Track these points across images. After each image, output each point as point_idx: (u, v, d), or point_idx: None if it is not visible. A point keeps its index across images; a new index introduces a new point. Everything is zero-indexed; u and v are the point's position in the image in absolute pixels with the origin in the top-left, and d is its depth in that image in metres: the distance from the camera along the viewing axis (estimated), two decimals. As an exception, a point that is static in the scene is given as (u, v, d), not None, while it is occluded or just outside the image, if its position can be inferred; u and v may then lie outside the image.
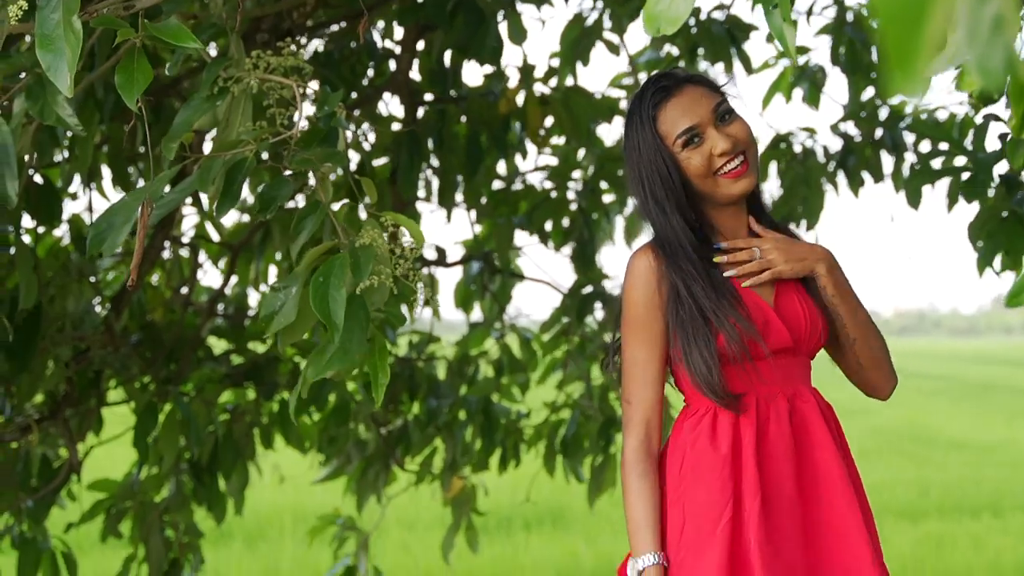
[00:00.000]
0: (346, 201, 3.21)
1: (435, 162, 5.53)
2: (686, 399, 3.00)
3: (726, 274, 2.90)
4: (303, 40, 4.73)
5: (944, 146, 5.15)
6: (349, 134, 3.13)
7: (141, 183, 5.26)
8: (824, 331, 2.94)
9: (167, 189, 2.98)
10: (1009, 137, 3.68)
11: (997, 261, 4.58)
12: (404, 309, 3.33)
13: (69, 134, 4.46)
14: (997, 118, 4.34)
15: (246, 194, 4.63)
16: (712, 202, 2.95)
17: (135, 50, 2.59)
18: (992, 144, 4.62)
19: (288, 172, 3.02)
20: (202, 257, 5.93)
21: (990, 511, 12.91)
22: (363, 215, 3.15)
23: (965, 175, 4.54)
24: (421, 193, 5.74)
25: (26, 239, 4.82)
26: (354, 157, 5.18)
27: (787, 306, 2.92)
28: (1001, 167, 4.35)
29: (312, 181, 3.05)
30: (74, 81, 2.36)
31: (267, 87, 3.04)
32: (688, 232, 2.93)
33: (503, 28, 5.25)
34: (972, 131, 4.65)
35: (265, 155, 3.01)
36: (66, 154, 4.76)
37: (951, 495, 14.14)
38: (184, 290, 5.74)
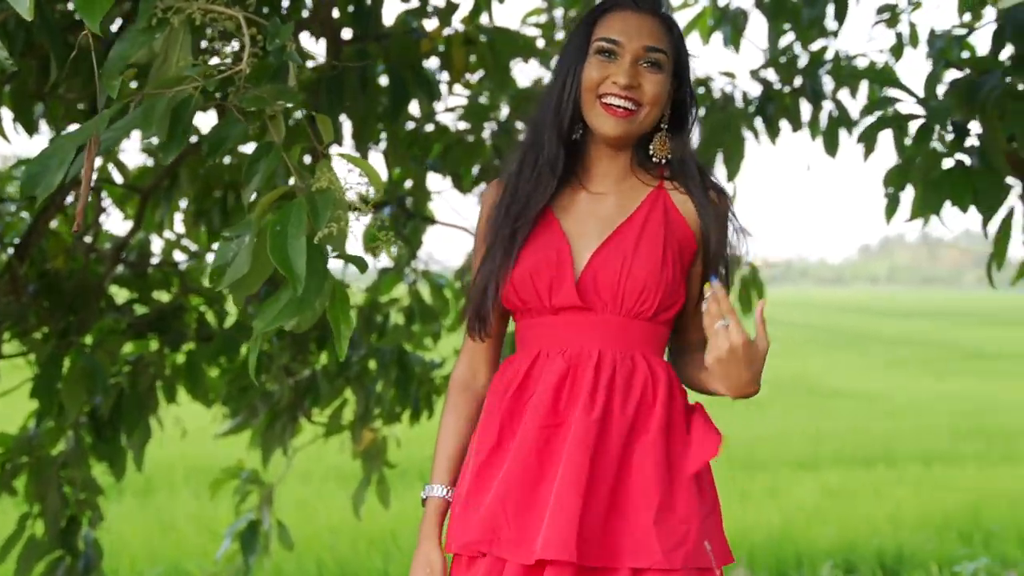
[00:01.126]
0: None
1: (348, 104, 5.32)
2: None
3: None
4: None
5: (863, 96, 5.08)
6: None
7: (44, 125, 5.02)
8: (647, 296, 2.77)
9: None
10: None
11: (906, 209, 4.55)
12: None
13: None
14: (950, 63, 4.28)
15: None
16: (593, 133, 2.84)
17: (92, -28, 2.36)
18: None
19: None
20: (106, 201, 5.66)
21: (884, 461, 13.12)
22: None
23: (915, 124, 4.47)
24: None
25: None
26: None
27: (601, 263, 2.78)
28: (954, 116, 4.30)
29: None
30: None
31: (209, 18, 2.84)
32: (561, 132, 2.85)
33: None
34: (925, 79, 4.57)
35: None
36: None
37: (845, 445, 14.39)
38: (87, 237, 5.48)
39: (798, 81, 5.94)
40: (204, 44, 2.94)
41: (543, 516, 2.64)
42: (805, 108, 5.98)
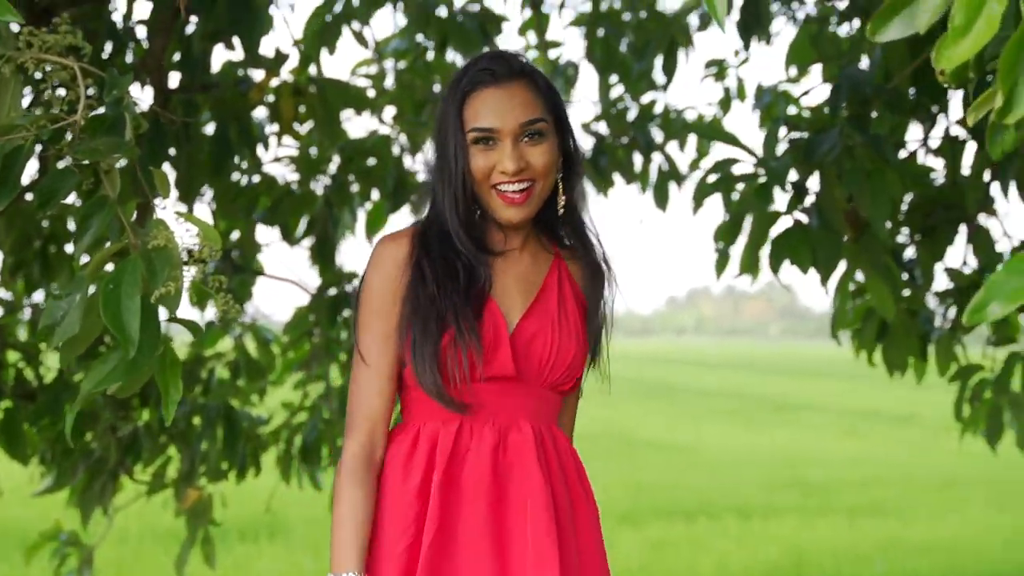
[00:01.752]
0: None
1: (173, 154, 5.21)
2: (402, 408, 2.81)
3: None
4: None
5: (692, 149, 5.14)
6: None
7: None
8: (573, 369, 2.76)
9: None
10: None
11: (735, 264, 4.61)
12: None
13: None
14: (788, 121, 4.35)
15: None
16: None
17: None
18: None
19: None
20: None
21: (704, 514, 13.25)
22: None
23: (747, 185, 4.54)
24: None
25: None
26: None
27: (532, 333, 2.72)
28: (792, 175, 4.37)
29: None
30: None
31: (43, 67, 2.74)
32: (460, 219, 2.71)
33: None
34: (763, 138, 4.62)
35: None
36: None
37: (664, 498, 14.46)
38: None
39: (629, 134, 6.00)
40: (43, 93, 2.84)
41: None
42: (637, 161, 6.04)
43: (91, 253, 2.73)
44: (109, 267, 2.68)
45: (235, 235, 6.00)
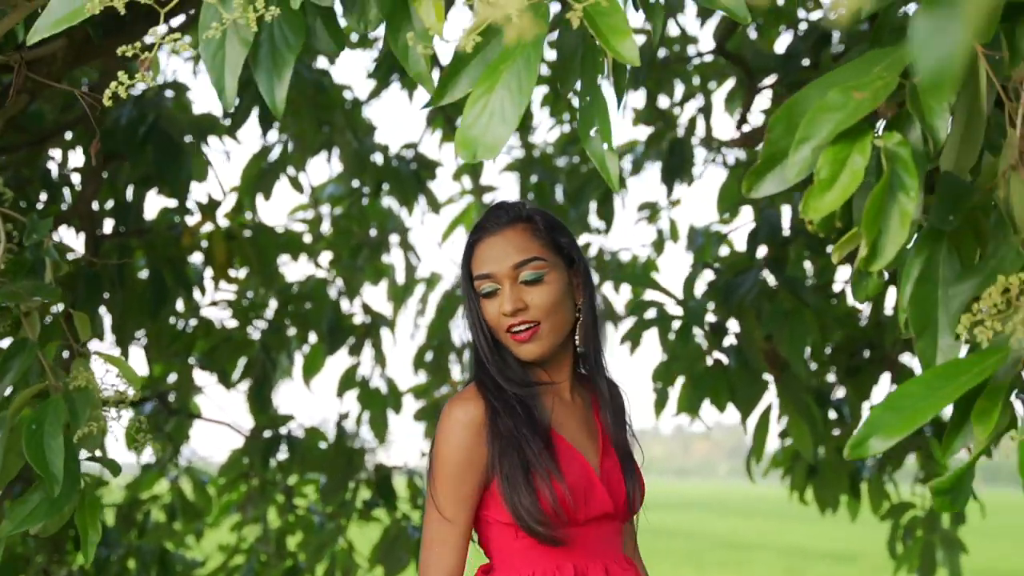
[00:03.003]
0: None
1: (108, 297, 5.26)
2: (495, 564, 2.78)
3: None
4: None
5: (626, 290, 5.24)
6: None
7: None
8: (641, 496, 2.82)
9: None
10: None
11: (673, 403, 4.69)
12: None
13: None
14: (708, 263, 4.45)
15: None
16: None
17: None
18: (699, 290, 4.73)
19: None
20: None
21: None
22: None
23: (675, 324, 4.63)
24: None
25: None
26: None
27: (610, 471, 2.76)
28: (709, 316, 4.46)
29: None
30: None
31: (-36, 210, 2.81)
32: (497, 368, 2.74)
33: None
34: (684, 280, 4.72)
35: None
36: None
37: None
38: None
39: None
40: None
41: None
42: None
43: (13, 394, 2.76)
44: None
45: (172, 378, 6.04)
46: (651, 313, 4.78)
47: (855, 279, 1.81)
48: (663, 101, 6.10)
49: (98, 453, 2.84)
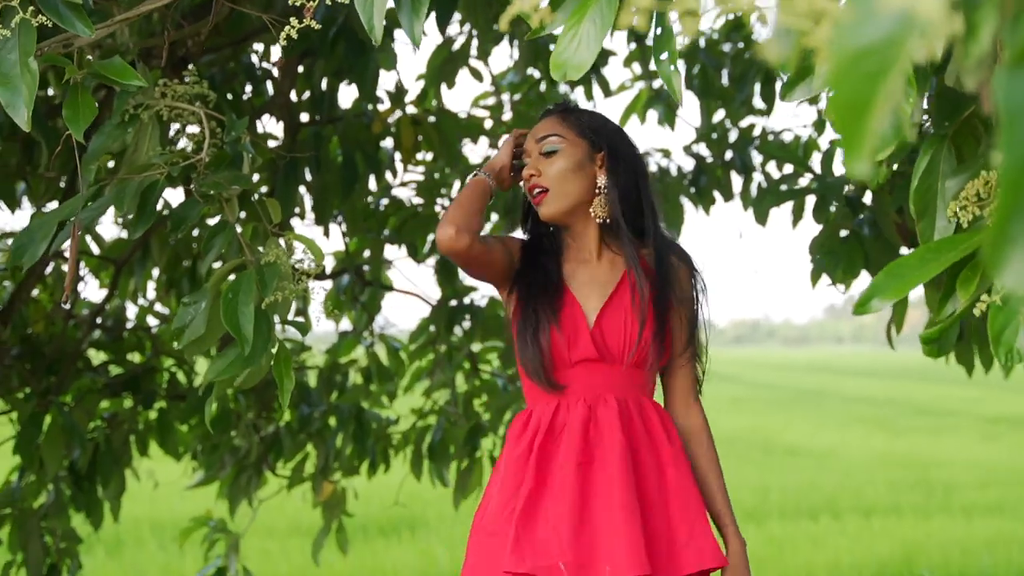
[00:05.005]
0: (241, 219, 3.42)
1: (310, 179, 5.74)
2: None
3: None
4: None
5: (789, 168, 5.53)
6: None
7: (25, 200, 5.43)
8: (645, 349, 3.19)
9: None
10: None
11: (830, 276, 4.95)
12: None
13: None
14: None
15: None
16: None
17: (79, 86, 2.80)
18: (839, 167, 5.01)
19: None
20: (83, 271, 6.06)
21: (828, 513, 13.45)
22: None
23: (812, 197, 4.93)
24: (296, 209, 5.96)
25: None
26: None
27: (608, 320, 3.20)
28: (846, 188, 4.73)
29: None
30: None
31: (175, 113, 3.27)
32: (535, 228, 3.36)
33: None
34: (820, 155, 5.00)
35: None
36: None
37: (791, 499, 14.67)
38: (65, 304, 5.87)
39: (729, 154, 6.38)
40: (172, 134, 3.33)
41: (596, 542, 3.04)
42: (736, 180, 6.41)
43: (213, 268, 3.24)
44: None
45: (366, 253, 6.51)
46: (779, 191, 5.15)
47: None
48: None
49: (294, 317, 3.34)
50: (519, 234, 3.43)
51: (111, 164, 3.68)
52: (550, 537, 3.05)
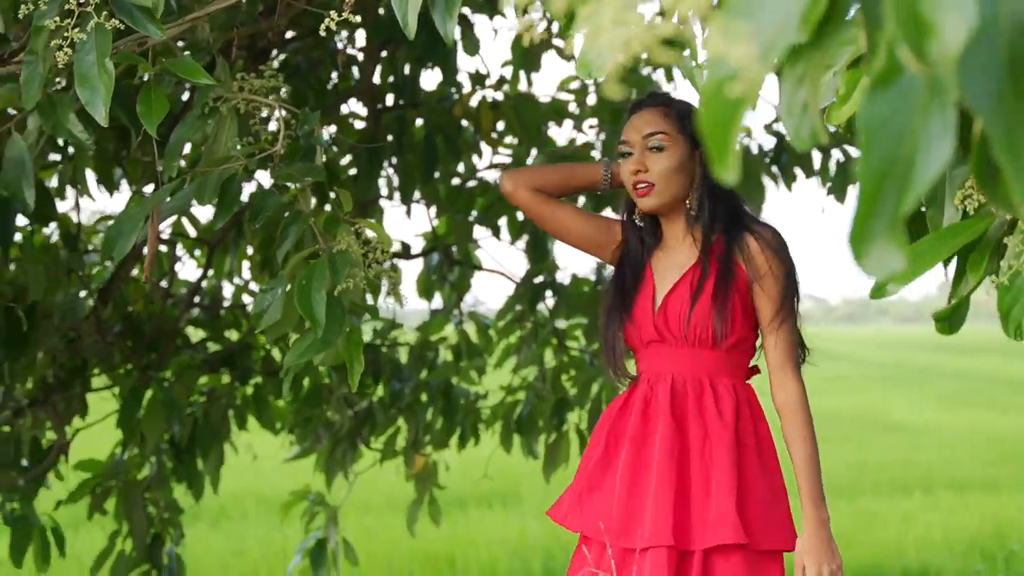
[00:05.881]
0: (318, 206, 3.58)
1: (395, 162, 5.90)
2: None
3: None
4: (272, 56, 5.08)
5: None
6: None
7: (124, 184, 5.63)
8: (706, 328, 3.32)
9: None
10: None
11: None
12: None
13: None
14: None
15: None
16: None
17: (152, 83, 2.97)
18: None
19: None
20: (179, 252, 6.27)
21: (921, 489, 13.42)
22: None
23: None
24: (383, 191, 6.13)
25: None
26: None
27: (670, 304, 3.36)
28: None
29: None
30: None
31: (252, 107, 3.43)
32: (628, 219, 3.51)
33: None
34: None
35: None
36: (59, 157, 5.11)
37: (886, 475, 14.65)
38: (164, 283, 6.08)
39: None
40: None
41: (637, 512, 3.26)
42: (817, 156, 6.45)
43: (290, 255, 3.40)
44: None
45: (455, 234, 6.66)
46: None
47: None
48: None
49: (384, 298, 3.50)
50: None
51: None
52: (602, 504, 3.31)
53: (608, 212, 5.46)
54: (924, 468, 15.24)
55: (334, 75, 5.67)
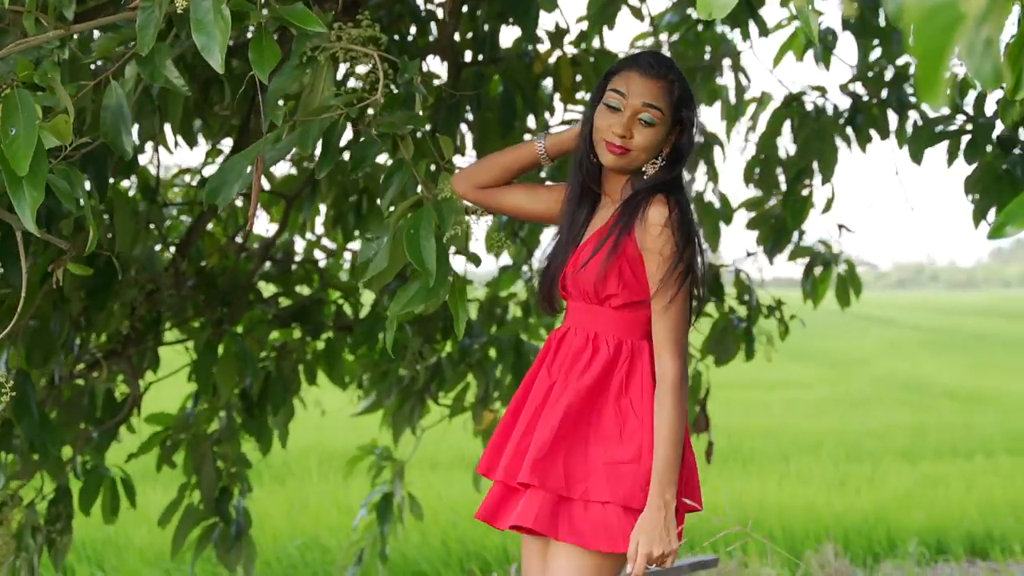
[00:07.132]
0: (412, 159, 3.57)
1: (471, 118, 5.89)
2: None
3: None
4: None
5: (946, 110, 5.55)
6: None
7: (201, 137, 5.65)
8: (599, 288, 3.34)
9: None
10: (1001, 98, 4.08)
11: (991, 215, 4.97)
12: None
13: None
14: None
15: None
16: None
17: (263, 31, 2.97)
18: (990, 108, 5.03)
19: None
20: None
21: (982, 453, 13.41)
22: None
23: (965, 137, 4.95)
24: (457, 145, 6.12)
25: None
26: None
27: (578, 258, 3.40)
28: (998, 129, 4.75)
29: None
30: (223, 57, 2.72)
31: (349, 56, 3.42)
32: (584, 169, 3.47)
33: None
34: (973, 96, 5.03)
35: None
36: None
37: (946, 439, 14.65)
38: (238, 238, 6.10)
39: (884, 93, 6.36)
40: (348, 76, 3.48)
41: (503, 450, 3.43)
42: (892, 118, 6.39)
43: (394, 204, 3.40)
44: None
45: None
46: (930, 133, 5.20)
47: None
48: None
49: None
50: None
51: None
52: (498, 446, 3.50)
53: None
54: (984, 433, 15.22)
55: (412, 29, 5.65)
